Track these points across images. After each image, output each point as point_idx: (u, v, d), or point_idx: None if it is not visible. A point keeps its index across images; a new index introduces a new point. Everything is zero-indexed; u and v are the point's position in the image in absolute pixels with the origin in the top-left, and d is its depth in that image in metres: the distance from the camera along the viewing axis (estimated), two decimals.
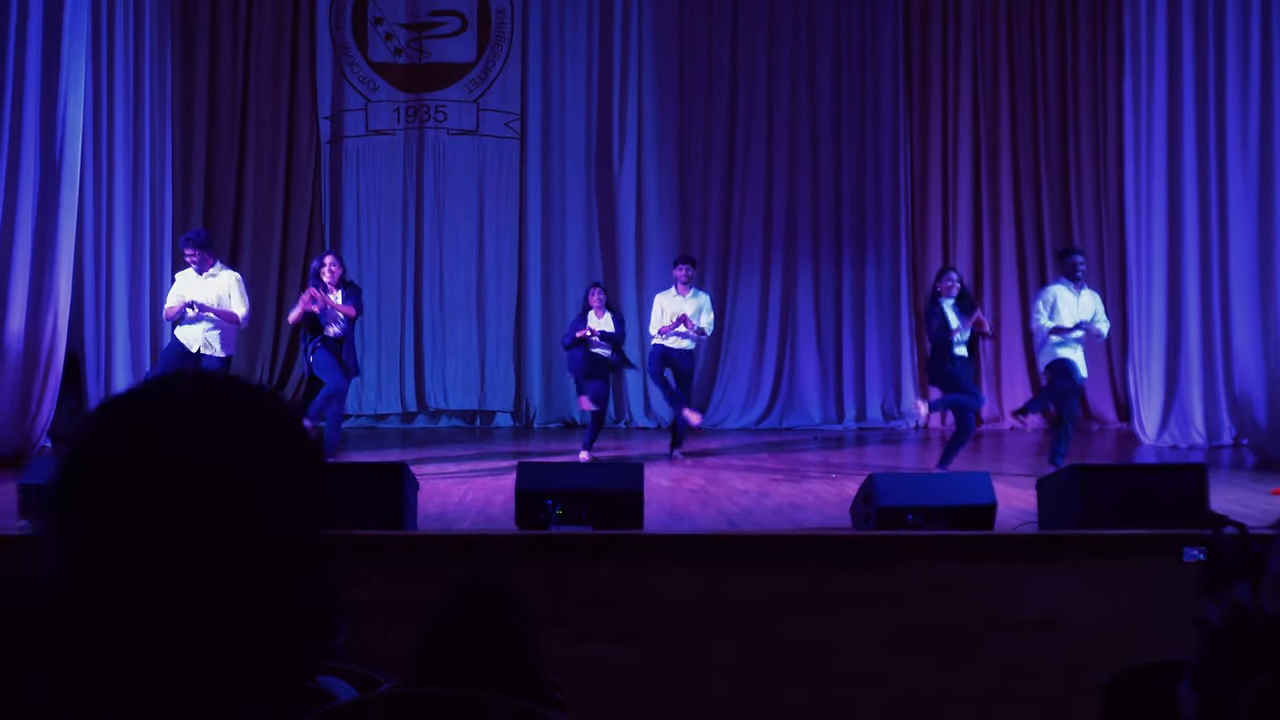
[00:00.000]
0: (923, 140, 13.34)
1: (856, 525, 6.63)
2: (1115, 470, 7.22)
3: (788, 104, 13.32)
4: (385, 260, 13.16)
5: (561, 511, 6.34)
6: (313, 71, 13.09)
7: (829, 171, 13.33)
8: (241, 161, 13.00)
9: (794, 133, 13.32)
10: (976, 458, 10.54)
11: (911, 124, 13.34)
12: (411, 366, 13.17)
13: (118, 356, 11.32)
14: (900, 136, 13.30)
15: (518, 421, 13.20)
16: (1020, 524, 6.72)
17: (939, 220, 13.32)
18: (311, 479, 0.97)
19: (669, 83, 13.27)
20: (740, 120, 13.33)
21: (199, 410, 0.94)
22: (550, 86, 13.26)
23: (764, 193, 13.31)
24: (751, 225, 13.31)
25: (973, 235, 13.35)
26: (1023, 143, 13.29)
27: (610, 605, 5.48)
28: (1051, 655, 5.35)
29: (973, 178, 13.34)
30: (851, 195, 13.33)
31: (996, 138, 13.30)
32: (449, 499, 8.01)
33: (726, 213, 13.36)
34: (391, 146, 13.19)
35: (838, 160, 13.33)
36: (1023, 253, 13.34)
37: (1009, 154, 13.29)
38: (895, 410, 13.19)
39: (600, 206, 13.26)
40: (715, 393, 13.21)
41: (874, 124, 13.33)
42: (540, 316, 13.06)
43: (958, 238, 13.30)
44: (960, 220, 13.31)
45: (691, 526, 7.00)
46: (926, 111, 13.33)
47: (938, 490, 6.59)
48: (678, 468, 9.80)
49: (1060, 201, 13.28)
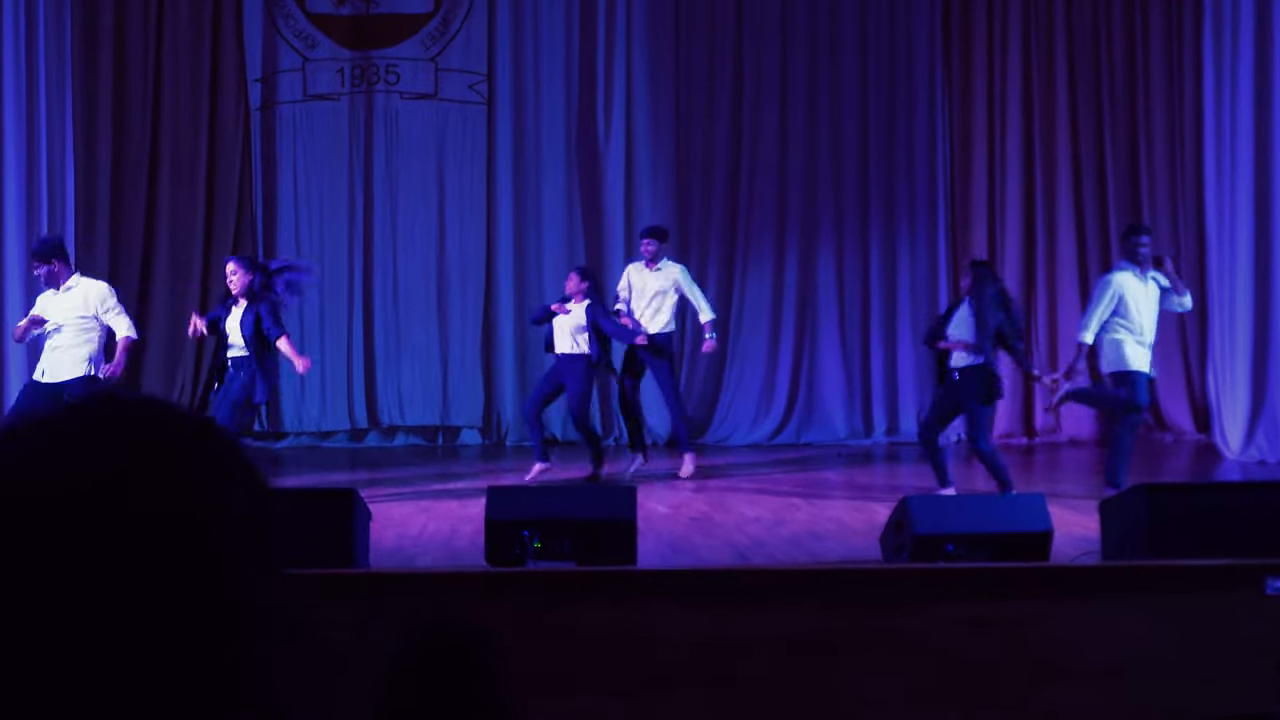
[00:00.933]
0: (964, 104, 13.39)
1: (887, 557, 6.68)
2: (1191, 489, 7.28)
3: (805, 58, 13.35)
4: (329, 249, 13.19)
5: (540, 544, 6.38)
6: (239, 26, 13.12)
7: (854, 139, 13.38)
8: (155, 135, 12.99)
9: (812, 93, 13.36)
10: (1029, 477, 10.61)
11: (950, 84, 13.39)
12: (361, 375, 13.20)
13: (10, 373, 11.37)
14: (937, 99, 13.35)
15: (487, 439, 13.25)
16: (1080, 554, 6.77)
17: (984, 198, 13.37)
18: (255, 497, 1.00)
19: (664, 36, 13.32)
20: (748, 79, 13.38)
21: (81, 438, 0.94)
22: (523, 41, 13.31)
23: (777, 165, 13.35)
24: (763, 204, 13.36)
25: (1023, 218, 13.39)
26: (1083, 110, 13.32)
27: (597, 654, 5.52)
28: (1116, 708, 5.41)
29: (1023, 150, 13.38)
30: (880, 168, 13.38)
31: (1052, 103, 13.34)
32: (407, 530, 8.06)
33: (733, 189, 13.41)
34: (334, 114, 13.23)
35: (864, 125, 13.38)
36: (1083, 238, 13.37)
37: (1066, 123, 13.33)
38: None
39: (583, 183, 13.32)
40: (720, 403, 13.26)
41: (906, 83, 13.38)
42: (513, 314, 13.11)
43: (1005, 220, 13.34)
44: (1009, 199, 13.35)
45: (694, 561, 7.05)
46: (969, 71, 13.38)
47: (983, 516, 6.64)
48: (678, 492, 9.86)
49: (1128, 180, 13.32)
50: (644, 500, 7.52)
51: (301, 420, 12.99)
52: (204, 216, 13.02)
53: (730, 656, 5.56)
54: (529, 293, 13.08)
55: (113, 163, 12.85)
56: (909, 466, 11.75)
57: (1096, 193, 13.35)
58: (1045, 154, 13.35)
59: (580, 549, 6.36)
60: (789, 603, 5.70)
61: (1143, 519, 6.33)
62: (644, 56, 13.33)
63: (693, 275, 11.18)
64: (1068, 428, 13.25)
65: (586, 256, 13.16)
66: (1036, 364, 12.10)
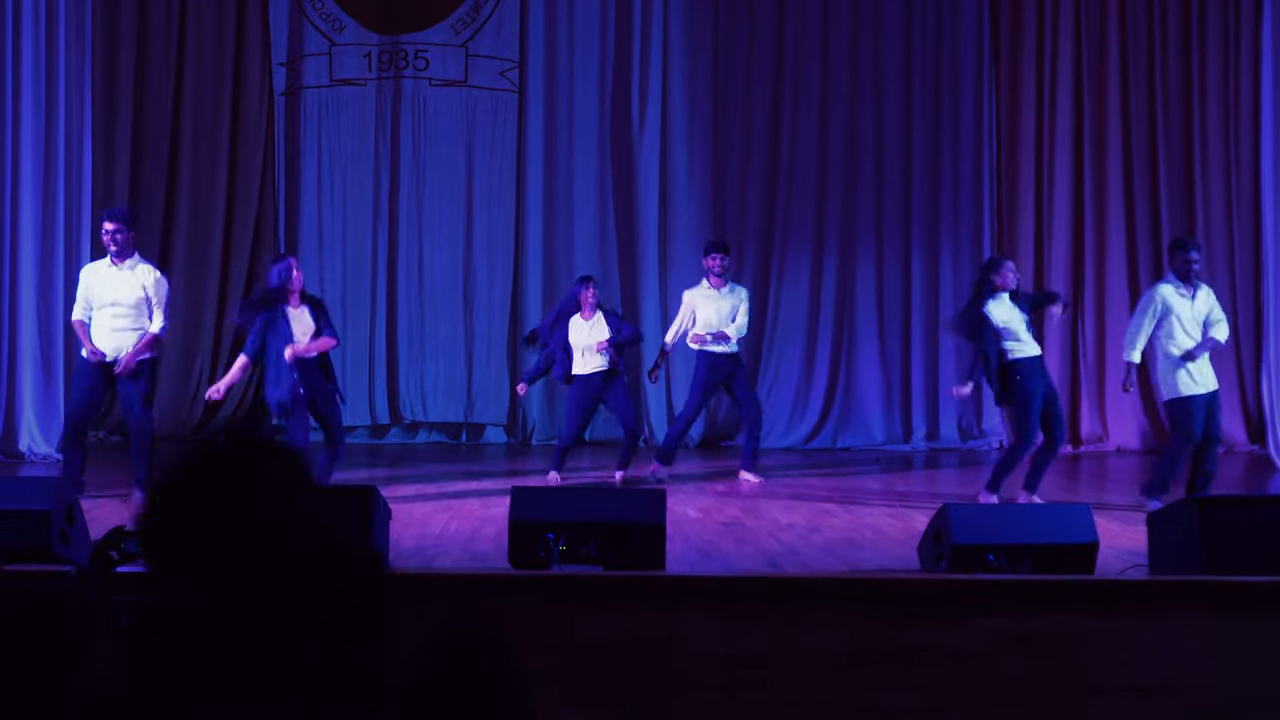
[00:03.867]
0: (1012, 104, 13.33)
1: (926, 567, 6.64)
2: (1244, 503, 7.19)
3: (847, 56, 13.32)
4: (352, 241, 13.22)
5: (565, 547, 6.35)
6: (264, 7, 13.16)
7: (896, 139, 13.35)
8: (176, 119, 13.04)
9: (854, 91, 13.33)
10: (1075, 486, 10.55)
11: (998, 83, 13.34)
12: (384, 370, 13.22)
13: (24, 356, 11.44)
14: (985, 99, 13.30)
15: (512, 437, 13.25)
16: (1127, 567, 6.72)
17: (1031, 201, 13.30)
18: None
19: (702, 26, 13.30)
20: (788, 75, 13.35)
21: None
22: (556, 28, 13.31)
23: (817, 165, 13.33)
24: (801, 204, 13.33)
25: (1072, 223, 13.31)
26: (1135, 112, 13.26)
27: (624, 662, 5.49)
28: None
29: (1073, 152, 13.33)
30: (924, 168, 13.35)
31: (1103, 104, 13.28)
32: (428, 530, 8.05)
33: (771, 188, 13.38)
34: (361, 100, 13.25)
35: (907, 125, 13.35)
36: (1133, 246, 13.29)
37: (1118, 125, 13.29)
38: (975, 428, 13.19)
39: (616, 177, 13.30)
40: None
41: (952, 81, 13.35)
42: (540, 309, 13.08)
43: (1054, 224, 13.28)
44: (1057, 203, 13.29)
45: (724, 567, 7.02)
46: (1017, 69, 13.33)
47: (1026, 525, 6.58)
48: (708, 496, 9.83)
49: (1181, 186, 13.25)
50: (673, 504, 7.49)
51: None
52: (224, 205, 13.06)
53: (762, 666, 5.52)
54: (558, 288, 13.03)
55: (132, 148, 12.88)
56: (949, 472, 11.70)
57: (1149, 198, 13.28)
58: (1095, 157, 13.28)
59: (608, 552, 6.33)
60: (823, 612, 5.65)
61: (1193, 533, 6.26)
62: (681, 46, 13.30)
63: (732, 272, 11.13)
64: (1115, 436, 13.18)
65: (618, 253, 13.16)
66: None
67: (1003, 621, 5.63)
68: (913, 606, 5.70)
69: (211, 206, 13.04)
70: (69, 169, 11.80)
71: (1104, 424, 13.19)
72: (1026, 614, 5.66)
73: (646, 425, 13.00)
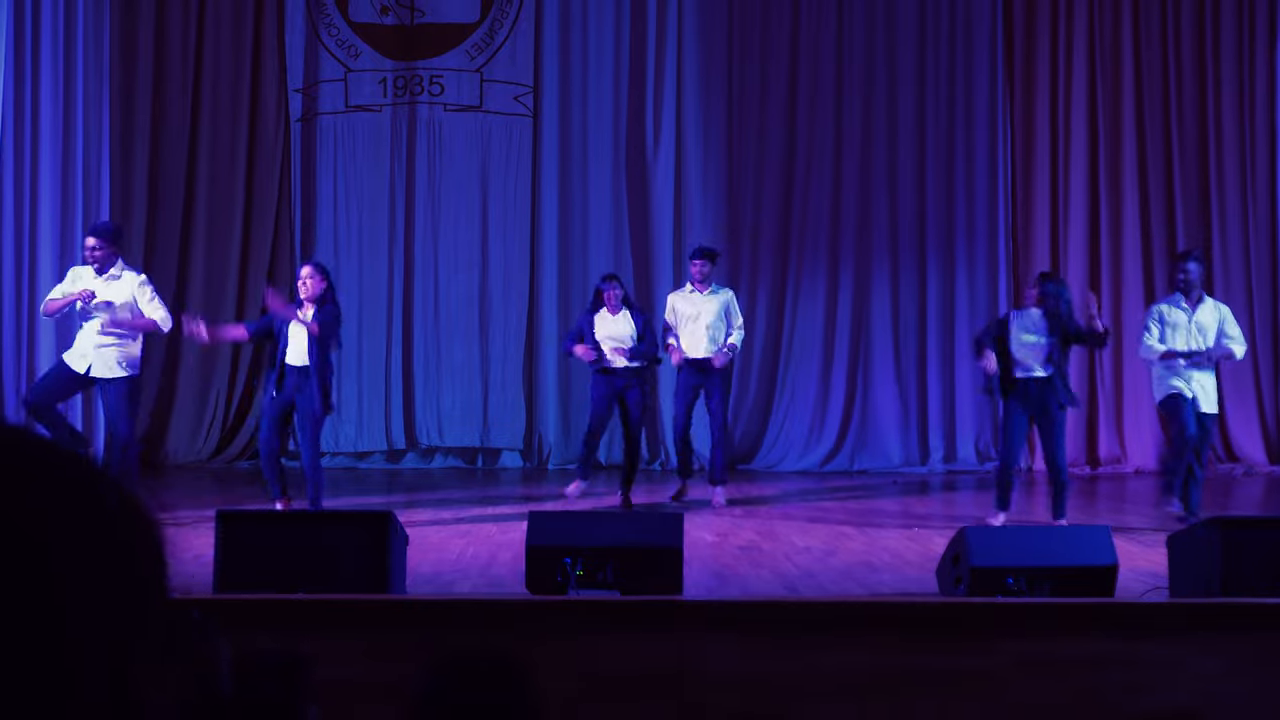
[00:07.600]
0: (1026, 119, 13.33)
1: (944, 590, 6.61)
2: (1266, 524, 7.16)
3: (862, 72, 13.34)
4: (368, 264, 13.24)
5: (582, 572, 6.34)
6: (280, 35, 13.21)
7: (910, 154, 13.35)
8: (193, 144, 13.10)
9: (868, 107, 13.34)
10: (1093, 507, 10.51)
11: (1012, 98, 13.34)
12: (399, 394, 13.22)
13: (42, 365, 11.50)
14: (999, 115, 13.30)
15: (528, 462, 13.23)
16: (1148, 590, 6.68)
17: (1046, 217, 13.30)
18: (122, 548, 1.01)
19: (716, 49, 13.32)
20: (802, 92, 13.36)
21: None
22: (570, 52, 13.34)
23: (831, 187, 13.33)
24: (816, 221, 13.33)
25: (1088, 237, 13.31)
26: (1150, 129, 13.25)
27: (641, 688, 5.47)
28: None
29: (1088, 166, 13.32)
30: (938, 184, 13.34)
31: (1118, 117, 13.28)
32: (445, 555, 8.04)
33: (785, 206, 13.38)
34: (376, 125, 13.29)
35: (922, 140, 13.35)
36: (1149, 259, 13.27)
37: (1133, 138, 13.28)
38: (993, 450, 13.14)
39: (631, 199, 13.31)
40: (770, 427, 13.21)
41: (966, 97, 13.35)
42: (556, 333, 13.09)
43: (1069, 240, 13.27)
44: (1073, 219, 13.28)
45: (741, 591, 7.00)
46: (1031, 84, 13.33)
47: (1045, 548, 6.56)
48: (725, 519, 9.81)
49: (1198, 195, 13.24)
50: (689, 527, 7.47)
51: (337, 440, 12.99)
52: (241, 230, 13.11)
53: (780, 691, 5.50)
54: (574, 312, 13.01)
55: (149, 174, 12.94)
56: (966, 495, 11.66)
57: (1164, 216, 13.28)
58: (1110, 171, 13.28)
59: (625, 577, 6.32)
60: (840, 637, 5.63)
61: (1216, 555, 6.23)
62: (695, 70, 13.33)
63: (744, 293, 11.12)
64: (1134, 458, 13.14)
65: (634, 275, 13.15)
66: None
67: (1022, 645, 5.61)
68: (931, 630, 5.68)
69: (228, 232, 13.10)
70: (87, 195, 11.86)
71: (1122, 445, 13.15)
72: (1046, 637, 5.63)
73: (662, 450, 12.99)
